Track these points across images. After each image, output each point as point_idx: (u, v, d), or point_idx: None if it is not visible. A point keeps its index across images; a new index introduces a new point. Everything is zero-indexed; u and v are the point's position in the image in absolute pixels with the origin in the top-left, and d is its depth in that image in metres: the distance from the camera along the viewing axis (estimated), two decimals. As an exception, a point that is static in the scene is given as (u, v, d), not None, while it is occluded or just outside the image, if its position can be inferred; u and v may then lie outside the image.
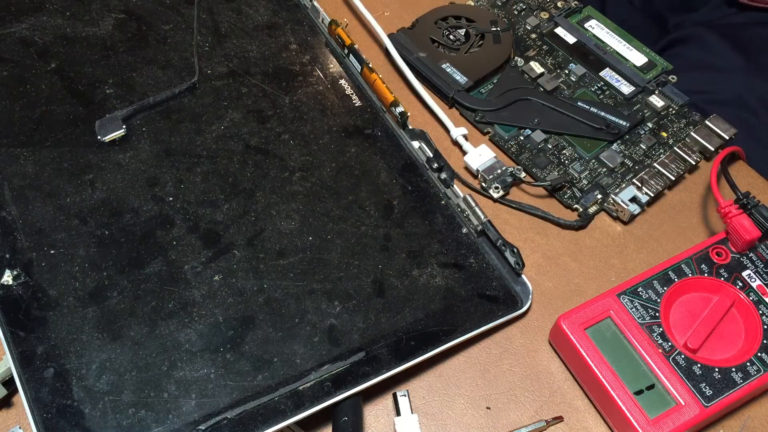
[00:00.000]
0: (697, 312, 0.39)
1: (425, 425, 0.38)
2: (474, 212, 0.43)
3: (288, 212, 0.43)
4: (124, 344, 0.37)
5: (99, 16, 0.51)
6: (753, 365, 0.37)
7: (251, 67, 0.50)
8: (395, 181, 0.45)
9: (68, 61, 0.48)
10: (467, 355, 0.40)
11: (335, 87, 0.50)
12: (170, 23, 0.51)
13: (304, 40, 0.52)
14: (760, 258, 0.40)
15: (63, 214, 0.41)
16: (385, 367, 0.37)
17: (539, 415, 0.38)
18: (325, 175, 0.45)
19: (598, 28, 0.53)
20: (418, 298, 0.40)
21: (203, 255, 0.40)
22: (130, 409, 0.35)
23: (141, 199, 0.42)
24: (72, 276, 0.39)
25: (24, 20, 0.50)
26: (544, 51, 0.52)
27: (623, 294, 0.39)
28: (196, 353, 0.37)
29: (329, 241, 0.42)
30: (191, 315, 0.38)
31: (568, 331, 0.38)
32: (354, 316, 0.39)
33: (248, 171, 0.44)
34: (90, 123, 0.45)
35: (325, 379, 0.36)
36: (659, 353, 0.37)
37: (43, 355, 0.36)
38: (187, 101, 0.47)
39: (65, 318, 0.37)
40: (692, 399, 0.36)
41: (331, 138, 0.47)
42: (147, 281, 0.39)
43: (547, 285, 0.43)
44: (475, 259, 0.42)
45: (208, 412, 0.35)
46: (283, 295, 0.39)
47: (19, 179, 0.42)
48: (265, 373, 0.36)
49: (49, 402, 0.35)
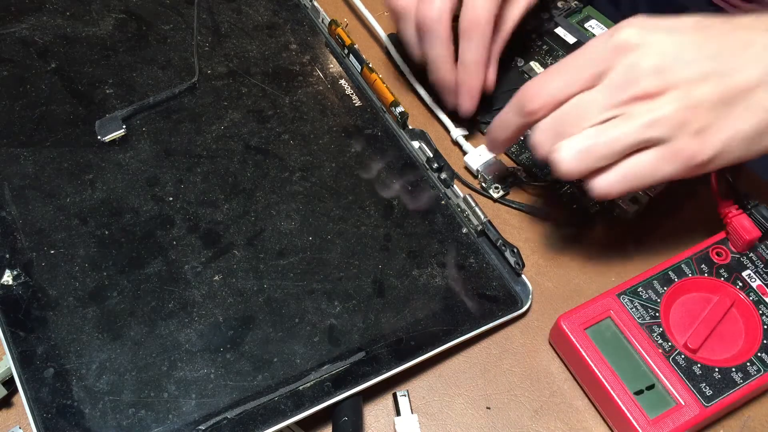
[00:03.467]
0: (697, 312, 0.39)
1: (425, 425, 0.38)
2: (474, 212, 0.43)
3: (288, 212, 0.43)
4: (124, 344, 0.37)
5: (99, 16, 0.51)
6: (753, 365, 0.37)
7: (251, 67, 0.50)
8: (395, 181, 0.45)
9: (68, 61, 0.48)
10: (467, 355, 0.40)
11: (335, 87, 0.50)
12: (170, 23, 0.51)
13: (304, 40, 0.52)
14: (760, 258, 0.40)
15: (63, 214, 0.41)
16: (385, 367, 0.37)
17: (539, 414, 0.38)
18: (325, 175, 0.45)
19: (598, 28, 0.53)
20: (418, 298, 0.40)
21: (203, 255, 0.40)
22: (130, 409, 0.35)
23: (141, 199, 0.42)
24: (72, 276, 0.39)
25: (24, 20, 0.50)
26: (544, 51, 0.52)
27: (623, 294, 0.39)
28: (196, 353, 0.37)
29: (329, 241, 0.42)
30: (191, 315, 0.38)
31: (568, 331, 0.38)
32: (354, 316, 0.39)
33: (248, 171, 0.44)
34: (90, 123, 0.45)
35: (325, 379, 0.36)
36: (659, 353, 0.37)
37: (43, 355, 0.36)
38: (187, 101, 0.47)
39: (65, 318, 0.37)
40: (692, 399, 0.36)
41: (331, 138, 0.47)
42: (147, 281, 0.39)
43: (547, 285, 0.43)
44: (475, 259, 0.42)
45: (208, 412, 0.35)
46: (283, 295, 0.39)
47: (19, 179, 0.42)
48: (265, 373, 0.36)
49: (49, 402, 0.35)
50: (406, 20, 0.42)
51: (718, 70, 0.34)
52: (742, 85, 0.34)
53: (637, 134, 0.35)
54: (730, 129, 0.34)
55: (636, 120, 0.34)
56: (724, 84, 0.34)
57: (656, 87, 0.34)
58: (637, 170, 0.35)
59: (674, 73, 0.34)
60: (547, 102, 0.37)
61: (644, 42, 0.35)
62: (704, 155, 0.34)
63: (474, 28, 0.41)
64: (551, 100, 0.37)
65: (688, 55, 0.35)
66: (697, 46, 0.35)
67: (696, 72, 0.34)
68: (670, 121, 0.34)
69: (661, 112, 0.34)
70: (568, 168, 0.36)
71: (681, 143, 0.34)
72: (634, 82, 0.35)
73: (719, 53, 0.35)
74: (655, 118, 0.34)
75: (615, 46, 0.35)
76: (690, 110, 0.34)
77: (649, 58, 0.35)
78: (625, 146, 0.35)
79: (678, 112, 0.34)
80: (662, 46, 0.35)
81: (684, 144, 0.34)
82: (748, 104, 0.34)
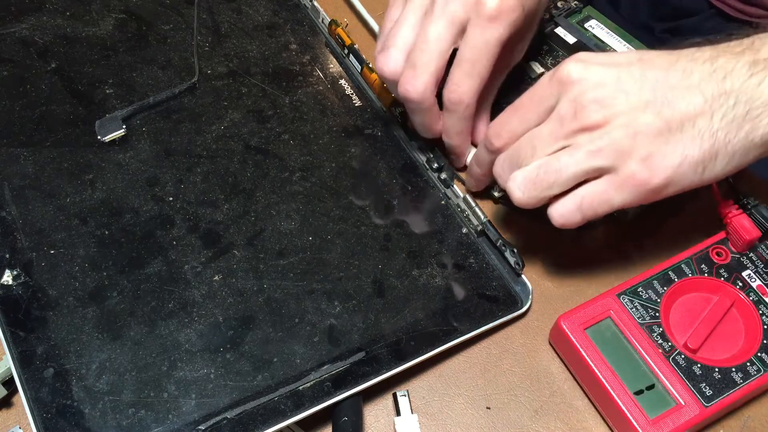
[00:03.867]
0: (697, 312, 0.39)
1: (425, 425, 0.38)
2: (474, 212, 0.43)
3: (288, 212, 0.43)
4: (124, 344, 0.37)
5: (99, 16, 0.51)
6: (753, 365, 0.37)
7: (251, 67, 0.50)
8: (395, 181, 0.45)
9: (68, 61, 0.48)
10: (467, 355, 0.40)
11: (335, 87, 0.50)
12: (170, 23, 0.51)
13: (304, 40, 0.52)
14: (760, 258, 0.40)
15: (63, 214, 0.41)
16: (385, 367, 0.37)
17: (539, 415, 0.38)
18: (325, 175, 0.45)
19: (598, 28, 0.53)
20: (418, 298, 0.40)
21: (203, 255, 0.40)
22: (130, 409, 0.35)
23: (141, 199, 0.42)
24: (72, 276, 0.39)
25: (24, 20, 0.50)
26: (544, 51, 0.52)
27: (623, 294, 0.39)
28: (196, 353, 0.37)
29: (329, 241, 0.42)
30: (191, 315, 0.38)
31: (568, 331, 0.38)
32: (354, 316, 0.39)
33: (248, 171, 0.44)
34: (90, 123, 0.45)
35: (325, 379, 0.36)
36: (659, 353, 0.37)
37: (43, 355, 0.36)
38: (187, 101, 0.47)
39: (65, 318, 0.37)
40: (692, 399, 0.36)
41: (331, 138, 0.47)
42: (147, 281, 0.39)
43: (547, 285, 0.43)
44: (475, 259, 0.42)
45: (208, 412, 0.35)
46: (283, 295, 0.39)
47: (19, 179, 0.42)
48: (265, 373, 0.36)
49: (49, 402, 0.35)
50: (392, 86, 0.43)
51: (660, 99, 0.35)
52: (684, 112, 0.34)
53: (583, 162, 0.35)
54: (677, 155, 0.35)
55: (581, 149, 0.35)
56: (667, 112, 0.35)
57: (600, 118, 0.35)
58: (590, 199, 0.36)
59: (616, 104, 0.35)
60: (509, 138, 0.39)
61: (585, 77, 0.36)
62: (655, 181, 0.35)
63: (457, 106, 0.41)
64: (512, 136, 0.39)
65: (628, 86, 0.35)
66: (638, 78, 0.35)
67: (637, 101, 0.35)
68: (614, 148, 0.35)
69: (604, 140, 0.35)
70: (520, 196, 0.37)
71: (629, 170, 0.35)
72: (578, 114, 0.35)
73: (660, 84, 0.35)
74: (598, 147, 0.35)
75: (558, 82, 0.36)
76: (633, 137, 0.35)
77: (591, 91, 0.35)
78: (572, 175, 0.36)
79: (621, 140, 0.35)
80: (603, 78, 0.36)
81: (632, 171, 0.35)
82: (694, 132, 0.34)
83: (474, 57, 0.40)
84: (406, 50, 0.41)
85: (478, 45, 0.39)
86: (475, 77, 0.40)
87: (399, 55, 0.41)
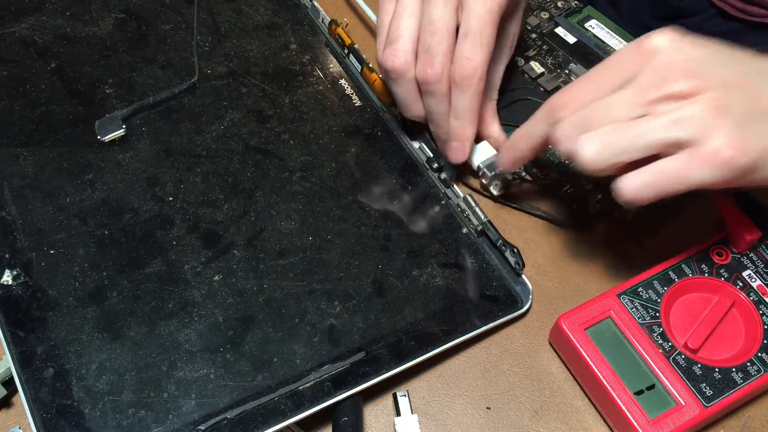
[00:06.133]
0: (698, 312, 0.39)
1: (425, 425, 0.38)
2: (474, 212, 0.43)
3: (288, 212, 0.43)
4: (124, 344, 0.37)
5: (99, 16, 0.51)
6: (753, 365, 0.37)
7: (251, 67, 0.50)
8: (395, 181, 0.45)
9: (68, 61, 0.48)
10: (467, 355, 0.40)
11: (335, 87, 0.50)
12: (170, 23, 0.51)
13: (304, 40, 0.52)
14: (760, 258, 0.40)
15: (63, 214, 0.41)
16: (385, 367, 0.37)
17: (539, 415, 0.38)
18: (325, 175, 0.45)
19: (599, 28, 0.53)
20: (418, 298, 0.40)
21: (203, 255, 0.40)
22: (130, 409, 0.35)
23: (141, 199, 0.42)
24: (72, 276, 0.39)
25: (24, 20, 0.50)
26: (544, 51, 0.52)
27: (623, 294, 0.39)
28: (196, 353, 0.37)
29: (329, 241, 0.42)
30: (191, 315, 0.38)
31: (569, 331, 0.38)
32: (354, 316, 0.39)
33: (248, 171, 0.44)
34: (90, 123, 0.45)
35: (325, 379, 0.36)
36: (659, 353, 0.37)
37: (43, 355, 0.36)
38: (187, 101, 0.47)
39: (65, 318, 0.37)
40: (692, 399, 0.36)
41: (331, 138, 0.47)
42: (147, 281, 0.39)
43: (548, 285, 0.43)
44: (475, 259, 0.42)
45: (208, 412, 0.35)
46: (283, 295, 0.39)
47: (19, 179, 0.42)
48: (265, 373, 0.36)
49: (48, 402, 0.35)
50: (402, 80, 0.41)
51: (750, 82, 0.34)
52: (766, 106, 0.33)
53: (664, 131, 0.33)
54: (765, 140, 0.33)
55: (663, 117, 0.33)
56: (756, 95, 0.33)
57: (686, 88, 0.33)
58: (667, 173, 0.33)
59: (705, 77, 0.33)
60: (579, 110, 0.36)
61: (674, 47, 0.34)
62: (743, 160, 0.32)
63: (470, 79, 0.40)
64: (582, 107, 0.36)
65: (719, 62, 0.34)
66: (729, 56, 0.34)
67: (728, 78, 0.33)
68: (699, 120, 0.33)
69: (689, 110, 0.33)
70: (590, 159, 0.34)
71: (713, 146, 0.32)
72: (663, 82, 0.34)
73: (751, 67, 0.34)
74: (682, 115, 0.33)
75: (644, 51, 0.35)
76: (721, 112, 0.32)
77: (680, 62, 0.34)
78: (651, 142, 0.33)
79: (708, 113, 0.32)
80: (693, 51, 0.34)
81: (717, 147, 0.32)
82: None
83: (480, 25, 0.39)
84: (412, 39, 0.40)
85: (481, 13, 0.39)
86: (485, 46, 0.39)
87: (407, 45, 0.40)
